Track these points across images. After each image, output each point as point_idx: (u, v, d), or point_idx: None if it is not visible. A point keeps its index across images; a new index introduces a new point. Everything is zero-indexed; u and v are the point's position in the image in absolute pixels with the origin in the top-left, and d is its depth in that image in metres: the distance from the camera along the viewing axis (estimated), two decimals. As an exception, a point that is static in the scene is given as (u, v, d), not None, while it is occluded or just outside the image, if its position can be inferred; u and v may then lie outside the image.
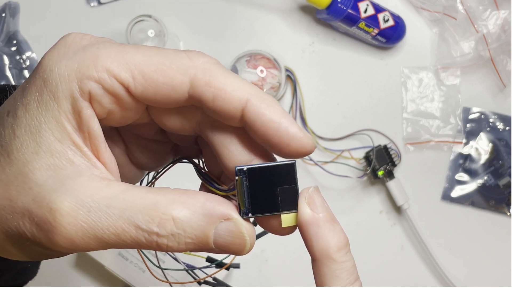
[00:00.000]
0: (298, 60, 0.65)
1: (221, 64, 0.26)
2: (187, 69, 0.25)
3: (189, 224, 0.25)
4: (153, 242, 0.25)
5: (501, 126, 0.64)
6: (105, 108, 0.26)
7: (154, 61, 0.25)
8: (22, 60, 0.65)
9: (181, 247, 0.25)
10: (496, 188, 0.63)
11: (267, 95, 0.26)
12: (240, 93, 0.25)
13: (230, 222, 0.26)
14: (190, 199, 0.25)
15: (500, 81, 0.63)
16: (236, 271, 0.64)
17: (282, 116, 0.26)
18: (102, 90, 0.25)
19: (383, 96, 0.65)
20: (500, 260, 0.63)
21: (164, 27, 0.60)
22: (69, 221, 0.24)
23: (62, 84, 0.25)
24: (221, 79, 0.25)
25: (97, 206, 0.24)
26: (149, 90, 0.25)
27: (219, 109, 0.26)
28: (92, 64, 0.25)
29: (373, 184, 0.64)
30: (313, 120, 0.64)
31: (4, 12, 0.65)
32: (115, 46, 0.25)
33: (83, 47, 0.25)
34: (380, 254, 0.64)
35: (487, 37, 0.62)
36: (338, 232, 0.27)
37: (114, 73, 0.25)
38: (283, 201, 0.26)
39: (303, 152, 0.26)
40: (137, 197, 0.25)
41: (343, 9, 0.60)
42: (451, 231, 0.64)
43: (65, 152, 0.25)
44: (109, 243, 0.24)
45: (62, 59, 0.25)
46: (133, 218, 0.24)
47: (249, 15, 0.66)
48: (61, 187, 0.24)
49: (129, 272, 0.60)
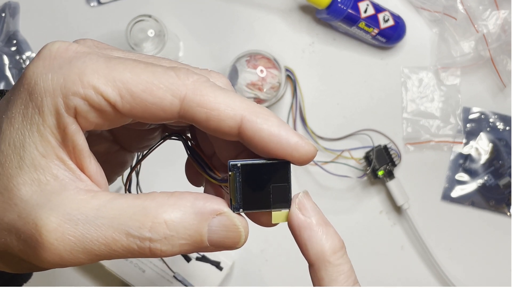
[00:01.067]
0: (298, 60, 0.65)
1: (210, 81, 0.26)
2: (177, 89, 0.25)
3: (181, 224, 0.24)
4: (146, 248, 0.24)
5: (501, 126, 0.64)
6: (91, 122, 0.25)
7: (143, 80, 0.24)
8: (22, 60, 0.65)
9: (175, 250, 0.25)
10: (496, 188, 0.63)
11: (260, 107, 0.26)
12: (233, 111, 0.25)
13: (222, 216, 0.25)
14: (179, 200, 0.25)
15: (500, 81, 0.63)
16: (236, 271, 0.64)
17: (280, 128, 0.25)
18: (88, 107, 0.24)
19: (383, 96, 0.65)
20: (500, 260, 0.63)
21: (164, 27, 0.60)
22: (56, 236, 0.23)
23: (47, 99, 0.24)
24: (212, 98, 0.25)
25: (84, 218, 0.24)
26: (136, 109, 0.25)
27: (214, 129, 0.25)
28: (78, 79, 0.24)
29: (373, 184, 0.64)
30: (313, 120, 0.64)
31: (4, 12, 0.65)
32: (102, 60, 0.25)
33: (69, 59, 0.25)
34: (380, 254, 0.64)
35: (487, 37, 0.62)
36: (332, 235, 0.26)
37: (100, 91, 0.24)
38: (275, 199, 0.26)
39: (307, 160, 0.26)
40: (125, 205, 0.24)
41: (343, 9, 0.60)
42: (451, 231, 0.64)
43: (49, 167, 0.24)
44: (100, 255, 0.24)
45: (47, 72, 0.24)
46: (124, 225, 0.24)
47: (249, 15, 0.66)
48: (46, 202, 0.24)
49: (129, 272, 0.60)
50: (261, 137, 0.25)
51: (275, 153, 0.26)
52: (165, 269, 0.60)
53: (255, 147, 0.26)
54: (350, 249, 0.68)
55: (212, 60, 0.65)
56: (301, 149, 0.26)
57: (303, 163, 0.26)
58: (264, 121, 0.25)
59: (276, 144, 0.25)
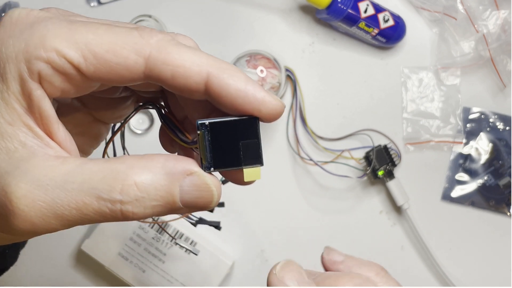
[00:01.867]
0: (298, 60, 0.65)
1: (175, 40, 0.26)
2: (141, 48, 0.24)
3: (152, 186, 0.24)
4: (117, 211, 0.24)
5: (501, 126, 0.64)
6: (57, 87, 0.25)
7: (106, 40, 0.24)
8: (22, 60, 0.66)
9: (148, 212, 0.24)
10: (496, 188, 0.63)
11: (226, 63, 0.26)
12: (199, 67, 0.25)
13: (193, 176, 0.25)
14: (149, 162, 0.25)
15: (500, 81, 0.63)
16: (236, 271, 0.64)
17: (246, 83, 0.25)
18: (51, 70, 0.24)
19: (383, 96, 0.65)
20: (500, 260, 0.63)
21: (164, 27, 0.60)
22: (26, 202, 0.23)
23: (10, 65, 0.24)
24: (177, 56, 0.25)
25: (54, 183, 0.23)
26: (101, 70, 0.24)
27: (180, 86, 0.25)
28: (39, 43, 0.24)
29: (373, 184, 0.64)
30: (313, 120, 0.64)
31: (4, 11, 0.65)
32: (64, 23, 0.24)
33: (30, 24, 0.24)
34: (380, 254, 0.64)
35: (487, 37, 0.62)
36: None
37: (63, 53, 0.24)
38: (246, 156, 0.26)
39: (274, 115, 0.26)
40: (95, 169, 0.24)
41: (343, 9, 0.60)
42: (451, 231, 0.64)
43: (16, 134, 0.24)
44: (72, 220, 0.24)
45: (8, 38, 0.24)
46: (94, 189, 0.24)
47: (249, 15, 0.66)
48: (14, 169, 0.24)
49: (129, 272, 0.60)
50: (228, 92, 0.25)
51: (243, 108, 0.25)
52: (165, 269, 0.60)
53: (223, 103, 0.25)
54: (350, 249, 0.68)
55: (212, 60, 0.65)
56: (269, 104, 0.25)
57: (271, 119, 0.26)
58: (230, 77, 0.25)
59: (243, 99, 0.25)
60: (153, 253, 0.61)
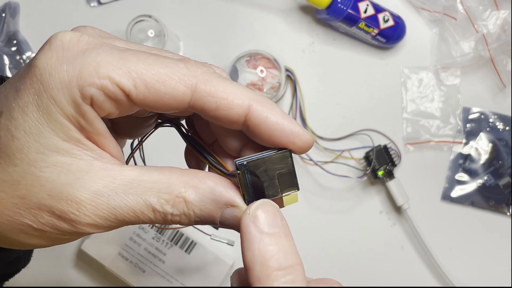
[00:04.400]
0: (298, 60, 0.65)
1: (217, 73, 0.28)
2: (188, 79, 0.26)
3: (198, 207, 0.27)
4: (168, 220, 0.27)
5: (501, 126, 0.64)
6: (105, 110, 0.26)
7: (156, 71, 0.26)
8: (22, 60, 0.66)
9: (190, 224, 0.28)
10: (496, 188, 0.64)
11: (265, 98, 0.28)
12: (242, 100, 0.27)
13: (235, 209, 0.28)
14: (200, 183, 0.27)
15: (500, 81, 0.63)
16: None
17: (283, 117, 0.28)
18: (103, 96, 0.26)
19: (383, 96, 0.65)
20: (500, 260, 0.63)
21: (164, 27, 0.60)
22: (92, 210, 0.26)
23: (63, 90, 0.25)
24: (222, 89, 0.27)
25: (114, 194, 0.26)
26: (149, 98, 0.26)
27: (222, 117, 0.27)
28: (93, 71, 0.25)
29: (373, 184, 0.64)
30: (313, 120, 0.64)
31: (4, 12, 0.65)
32: (115, 52, 0.26)
33: (82, 51, 0.26)
34: (380, 254, 0.64)
35: (487, 37, 0.62)
36: (280, 248, 0.26)
37: (116, 81, 0.25)
38: (283, 185, 0.28)
39: (306, 148, 0.28)
40: (151, 182, 0.27)
41: (343, 9, 0.60)
42: (451, 231, 0.64)
43: (72, 148, 0.26)
44: (129, 222, 0.27)
45: (62, 64, 0.25)
46: (150, 202, 0.27)
47: (249, 15, 0.66)
48: (76, 180, 0.26)
49: (129, 272, 0.60)
50: (267, 125, 0.27)
51: (278, 140, 0.28)
52: (165, 269, 0.60)
53: (260, 135, 0.28)
54: (350, 249, 0.68)
55: (212, 60, 0.65)
56: (303, 137, 0.28)
57: (303, 151, 0.28)
58: (269, 110, 0.27)
59: (280, 132, 0.28)
60: (153, 253, 0.61)
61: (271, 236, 0.26)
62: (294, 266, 0.26)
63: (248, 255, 0.25)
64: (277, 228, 0.26)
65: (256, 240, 0.26)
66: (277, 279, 0.25)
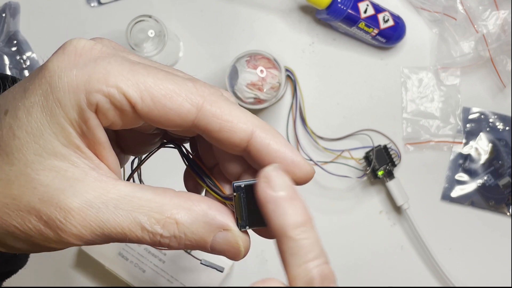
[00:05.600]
0: (298, 60, 0.65)
1: (224, 95, 0.28)
2: (195, 98, 0.26)
3: (190, 229, 0.27)
4: (157, 241, 0.27)
5: (501, 126, 0.64)
6: (109, 119, 0.26)
7: (164, 86, 0.26)
8: (22, 60, 0.66)
9: (181, 247, 0.27)
10: (496, 188, 0.64)
11: (270, 126, 0.28)
12: (246, 125, 0.27)
13: (228, 232, 0.27)
14: (193, 206, 0.27)
15: (500, 81, 0.63)
16: (236, 271, 0.64)
17: (286, 146, 0.28)
18: (109, 104, 0.26)
19: (383, 96, 0.65)
20: (500, 260, 0.63)
21: (164, 27, 0.60)
22: (79, 220, 0.25)
23: (70, 94, 0.25)
24: (227, 111, 0.27)
25: (105, 207, 0.26)
26: (154, 112, 0.26)
27: (224, 140, 0.27)
28: (102, 78, 0.25)
29: (373, 184, 0.64)
30: (313, 120, 0.64)
31: (4, 12, 0.65)
32: (126, 63, 0.26)
33: (94, 58, 0.26)
34: (380, 254, 0.64)
35: (487, 37, 0.62)
36: (296, 210, 0.26)
37: (123, 90, 0.26)
38: None
39: (306, 179, 0.28)
40: (144, 200, 0.26)
41: (343, 9, 0.60)
42: (451, 231, 0.64)
43: (70, 154, 0.26)
44: (115, 239, 0.26)
45: (72, 68, 0.26)
46: (140, 220, 0.26)
47: (249, 15, 0.66)
48: (69, 187, 0.25)
49: (129, 272, 0.61)
50: (268, 151, 0.27)
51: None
52: (165, 269, 0.61)
53: (260, 161, 0.28)
54: (350, 249, 0.67)
55: (212, 60, 0.65)
56: (303, 168, 0.28)
57: (302, 182, 0.28)
58: (272, 138, 0.27)
59: (281, 160, 0.27)
60: (153, 253, 0.61)
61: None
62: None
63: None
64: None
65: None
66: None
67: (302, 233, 0.26)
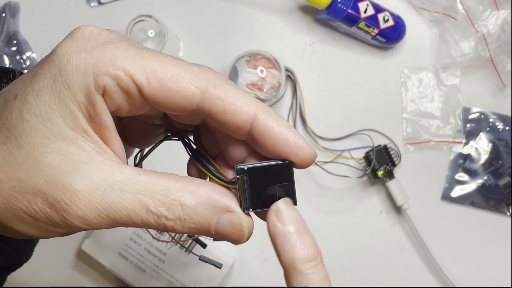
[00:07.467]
0: (298, 60, 0.65)
1: (228, 80, 0.28)
2: (200, 81, 0.27)
3: (194, 211, 0.27)
4: (161, 224, 0.27)
5: (501, 126, 0.64)
6: (116, 103, 0.27)
7: (169, 69, 0.27)
8: (23, 60, 0.66)
9: (185, 230, 0.28)
10: (496, 188, 0.64)
11: (272, 110, 0.28)
12: (249, 107, 0.27)
13: (232, 214, 0.28)
14: (198, 188, 0.27)
15: (500, 81, 0.63)
16: (236, 271, 0.64)
17: (289, 129, 0.28)
18: (116, 87, 0.26)
19: (383, 96, 0.65)
20: (500, 260, 0.63)
21: (164, 27, 0.60)
22: (85, 202, 0.26)
23: (78, 76, 0.26)
24: (231, 94, 0.27)
25: (110, 189, 0.26)
26: (160, 95, 0.27)
27: (228, 122, 0.28)
28: (110, 61, 0.26)
29: (373, 184, 0.64)
30: (313, 120, 0.64)
31: (4, 12, 0.65)
32: (133, 48, 0.27)
33: (102, 43, 0.27)
34: (380, 254, 0.64)
35: (487, 37, 0.62)
36: (306, 245, 0.27)
37: (130, 73, 0.26)
38: (281, 197, 0.28)
39: (308, 162, 0.28)
40: (149, 183, 0.27)
41: (343, 9, 0.60)
42: (451, 231, 0.64)
43: (77, 138, 0.26)
44: (120, 222, 0.27)
45: (80, 52, 0.26)
46: (145, 202, 0.26)
47: (249, 15, 0.66)
48: (75, 170, 0.26)
49: (129, 272, 0.60)
50: (271, 134, 0.28)
51: (281, 151, 0.28)
52: (165, 269, 0.61)
53: (263, 145, 0.28)
54: (350, 249, 0.67)
55: (212, 60, 0.65)
56: (306, 150, 0.28)
57: (305, 165, 0.29)
58: (275, 120, 0.28)
59: (284, 142, 0.28)
60: (153, 253, 0.61)
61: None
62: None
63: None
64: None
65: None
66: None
67: (311, 267, 0.27)
